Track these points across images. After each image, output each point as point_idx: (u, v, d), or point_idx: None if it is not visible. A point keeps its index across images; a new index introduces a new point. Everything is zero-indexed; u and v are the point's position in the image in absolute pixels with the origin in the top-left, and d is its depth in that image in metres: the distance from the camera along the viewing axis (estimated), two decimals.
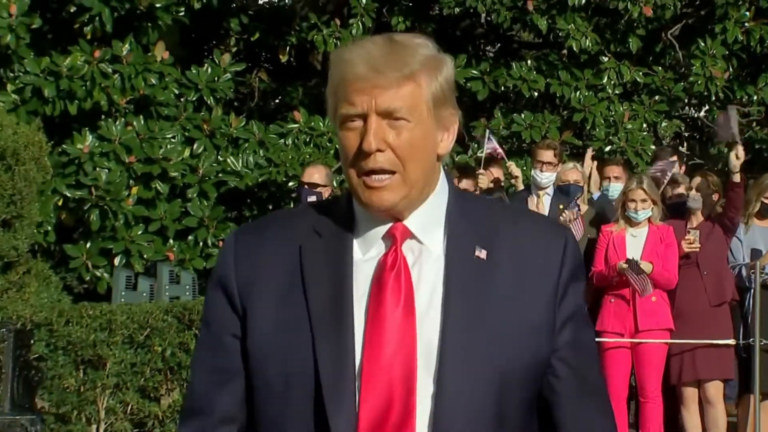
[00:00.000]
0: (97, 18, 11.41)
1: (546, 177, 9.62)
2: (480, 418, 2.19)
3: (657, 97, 13.19)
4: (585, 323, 2.37)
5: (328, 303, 2.23)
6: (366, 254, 2.27)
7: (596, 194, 9.93)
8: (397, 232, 2.26)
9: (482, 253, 2.25)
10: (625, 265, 8.77)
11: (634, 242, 9.02)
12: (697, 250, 9.00)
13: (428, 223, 2.28)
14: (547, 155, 9.71)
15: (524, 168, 11.38)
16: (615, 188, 9.75)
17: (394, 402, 2.17)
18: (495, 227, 2.30)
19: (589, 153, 10.82)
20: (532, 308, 2.26)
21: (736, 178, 9.08)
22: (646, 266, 8.78)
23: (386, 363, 2.18)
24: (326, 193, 9.48)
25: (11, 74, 11.04)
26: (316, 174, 9.51)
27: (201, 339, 2.38)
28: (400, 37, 2.26)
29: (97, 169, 11.16)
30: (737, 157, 9.05)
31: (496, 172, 10.18)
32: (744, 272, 9.22)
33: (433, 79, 2.22)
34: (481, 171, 10.01)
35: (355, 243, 2.28)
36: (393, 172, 2.21)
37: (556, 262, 2.30)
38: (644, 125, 13.01)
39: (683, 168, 10.36)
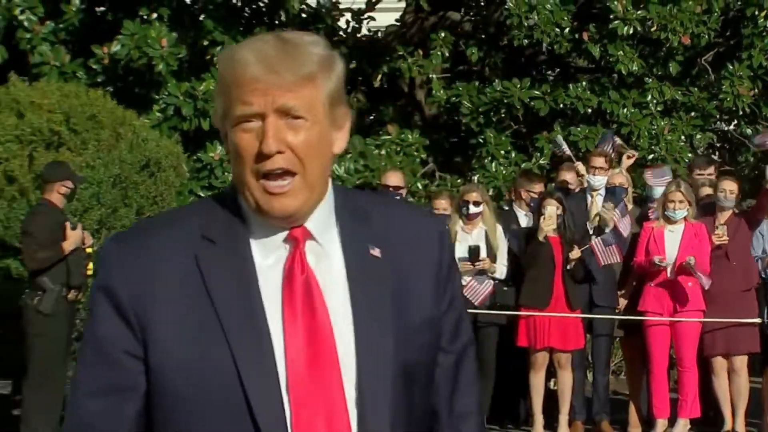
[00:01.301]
0: None
1: (598, 180, 9.59)
2: (399, 417, 1.85)
3: (693, 114, 13.10)
4: (463, 311, 2.01)
5: (239, 313, 1.81)
6: (268, 260, 1.85)
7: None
8: (299, 234, 1.85)
9: (376, 252, 1.89)
10: (661, 262, 8.78)
11: (671, 237, 9.00)
12: (726, 242, 8.92)
13: (324, 223, 1.88)
14: (599, 161, 9.69)
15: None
16: (656, 190, 9.71)
17: (326, 413, 1.81)
18: (382, 223, 1.93)
19: (627, 155, 10.72)
20: (427, 301, 1.92)
21: None
22: (690, 260, 8.74)
23: (313, 376, 1.81)
24: (404, 193, 9.59)
25: (156, 97, 11.21)
26: (395, 178, 9.60)
27: (87, 357, 1.87)
28: (289, 35, 1.86)
29: (226, 173, 11.29)
30: None
31: (567, 174, 10.08)
32: (761, 265, 9.14)
33: (328, 79, 1.84)
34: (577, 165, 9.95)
35: (254, 248, 1.85)
36: (293, 174, 1.80)
37: (437, 254, 1.96)
38: (682, 137, 12.90)
39: (715, 173, 10.20)
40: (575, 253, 8.90)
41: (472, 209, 9.12)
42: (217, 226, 1.86)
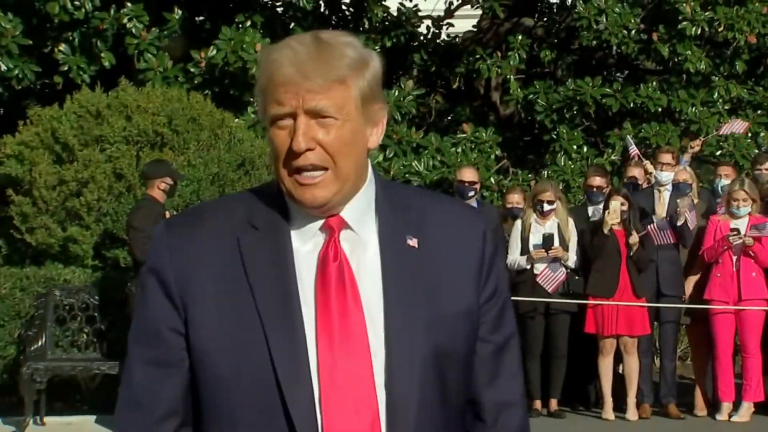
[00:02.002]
0: None
1: (665, 176, 9.55)
2: (429, 398, 1.83)
3: (759, 111, 12.92)
4: (506, 303, 1.97)
5: (275, 296, 1.81)
6: (305, 246, 1.85)
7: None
8: (334, 223, 1.85)
9: (413, 242, 1.87)
10: (737, 236, 8.76)
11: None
12: None
13: (361, 214, 1.87)
14: (666, 158, 9.66)
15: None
16: (724, 183, 9.66)
17: (353, 390, 1.80)
18: (422, 215, 1.91)
19: (690, 145, 10.69)
20: (463, 292, 1.89)
21: None
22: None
23: (341, 353, 1.80)
24: (478, 188, 9.66)
25: (251, 99, 11.40)
26: (469, 174, 9.65)
27: (137, 332, 1.90)
28: (326, 35, 1.84)
29: None
30: None
31: (634, 171, 10.06)
32: None
33: (361, 78, 1.81)
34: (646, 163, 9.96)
35: (293, 235, 1.86)
36: (325, 169, 1.81)
37: (479, 246, 1.92)
38: (748, 134, 12.69)
39: None
40: (633, 239, 8.93)
41: (546, 207, 9.23)
42: (261, 213, 1.87)
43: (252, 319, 1.81)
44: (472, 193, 9.41)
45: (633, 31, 12.57)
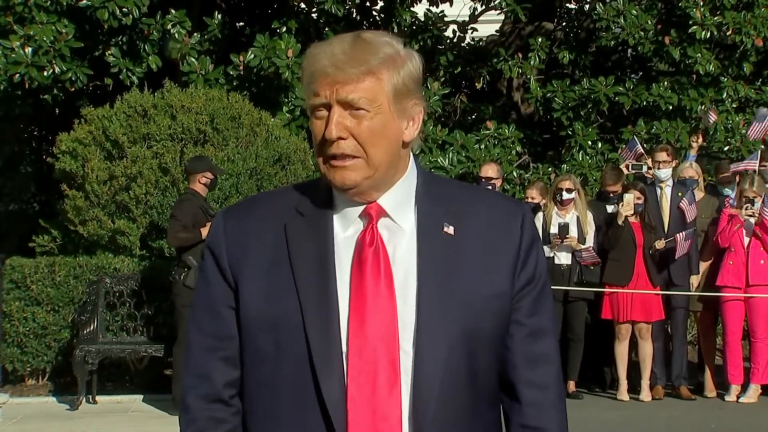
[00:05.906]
0: None
1: (664, 173, 9.42)
2: (455, 379, 1.81)
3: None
4: (543, 291, 1.93)
5: (313, 277, 1.83)
6: (345, 232, 1.87)
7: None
8: (373, 211, 1.86)
9: (450, 229, 1.86)
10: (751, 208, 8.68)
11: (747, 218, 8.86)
12: None
13: (400, 204, 1.87)
14: (662, 156, 9.50)
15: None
16: (726, 191, 9.50)
17: (379, 368, 1.79)
18: (462, 206, 1.89)
19: (694, 139, 10.51)
20: (497, 277, 1.86)
21: None
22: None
23: (371, 332, 1.79)
24: (498, 183, 9.51)
25: (286, 99, 11.32)
26: (490, 170, 9.51)
27: (196, 305, 1.95)
28: (368, 35, 1.84)
29: None
30: None
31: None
32: None
33: (395, 74, 1.80)
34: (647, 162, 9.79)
35: (335, 221, 1.87)
36: (356, 157, 1.81)
37: (516, 234, 1.89)
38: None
39: None
40: (660, 244, 8.83)
41: (566, 195, 9.08)
42: (307, 201, 1.89)
43: (292, 298, 1.82)
44: (489, 188, 9.23)
45: (650, 32, 12.37)
